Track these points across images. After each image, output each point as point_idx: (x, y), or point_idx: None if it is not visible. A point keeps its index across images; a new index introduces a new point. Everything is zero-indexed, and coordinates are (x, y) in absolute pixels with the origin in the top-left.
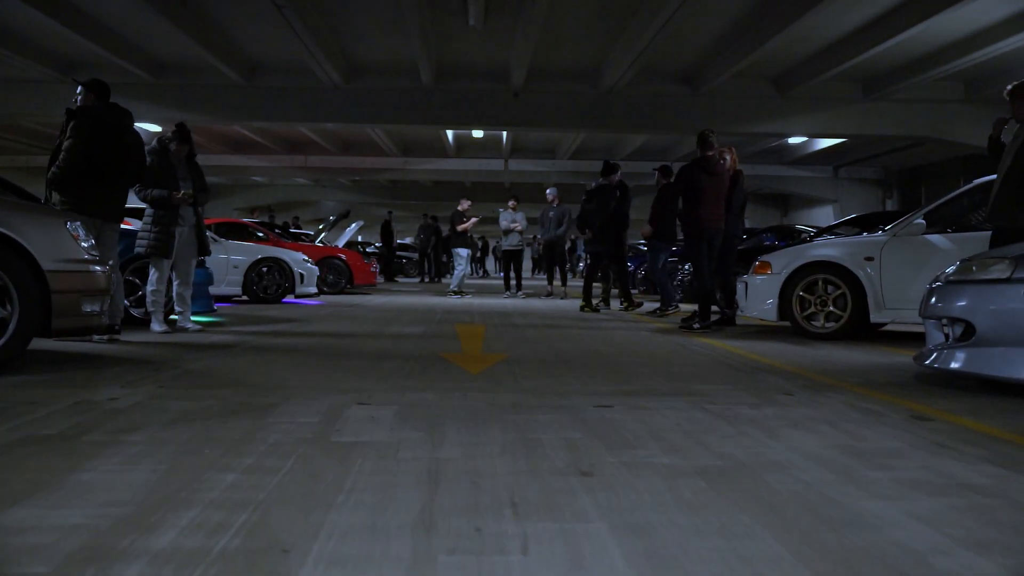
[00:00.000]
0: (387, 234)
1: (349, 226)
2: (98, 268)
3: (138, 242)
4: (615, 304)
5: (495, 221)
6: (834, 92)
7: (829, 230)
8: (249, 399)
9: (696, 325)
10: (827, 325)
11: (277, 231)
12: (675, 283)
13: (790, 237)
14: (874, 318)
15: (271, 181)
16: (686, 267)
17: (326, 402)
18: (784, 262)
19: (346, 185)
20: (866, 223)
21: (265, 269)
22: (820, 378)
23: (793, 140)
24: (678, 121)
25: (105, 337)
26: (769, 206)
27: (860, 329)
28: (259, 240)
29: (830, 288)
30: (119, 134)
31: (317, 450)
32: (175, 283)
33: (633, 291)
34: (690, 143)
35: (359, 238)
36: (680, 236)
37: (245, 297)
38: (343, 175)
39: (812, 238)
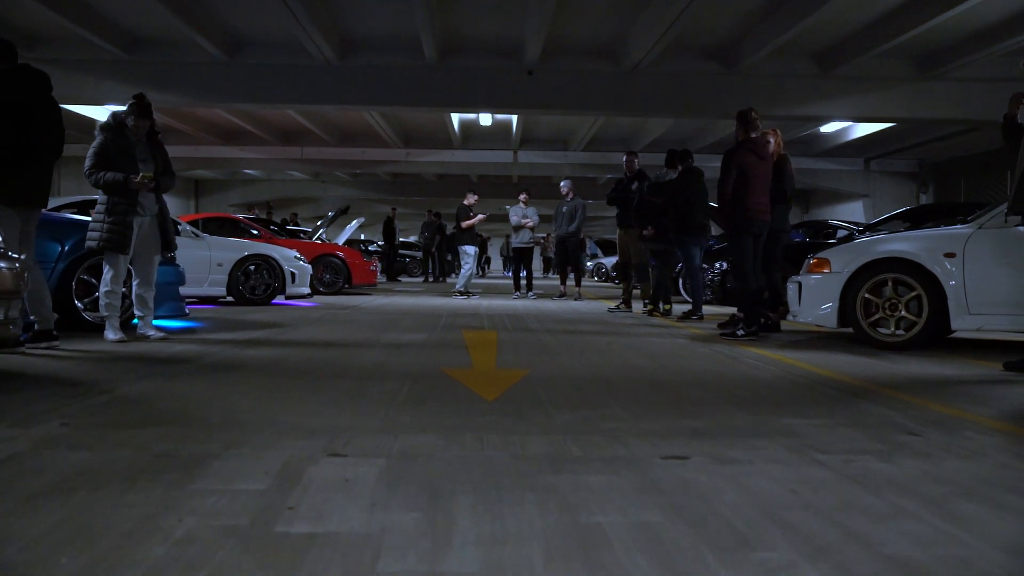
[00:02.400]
0: (390, 231)
1: (350, 223)
2: (1, 265)
3: (89, 235)
4: (637, 306)
5: (502, 219)
6: (884, 70)
7: (876, 225)
8: (178, 446)
9: (740, 332)
10: (897, 333)
11: (273, 228)
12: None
13: (824, 234)
14: (955, 325)
15: (268, 176)
16: (716, 266)
17: (285, 451)
18: (846, 259)
19: (345, 179)
20: (918, 217)
21: (252, 268)
22: (937, 407)
23: (826, 129)
24: (709, 103)
25: (43, 345)
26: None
27: (933, 337)
28: (252, 237)
29: (901, 289)
30: (36, 102)
31: (247, 557)
32: (134, 283)
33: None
34: (720, 130)
35: (361, 236)
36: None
37: (231, 298)
38: (341, 168)
39: (859, 233)
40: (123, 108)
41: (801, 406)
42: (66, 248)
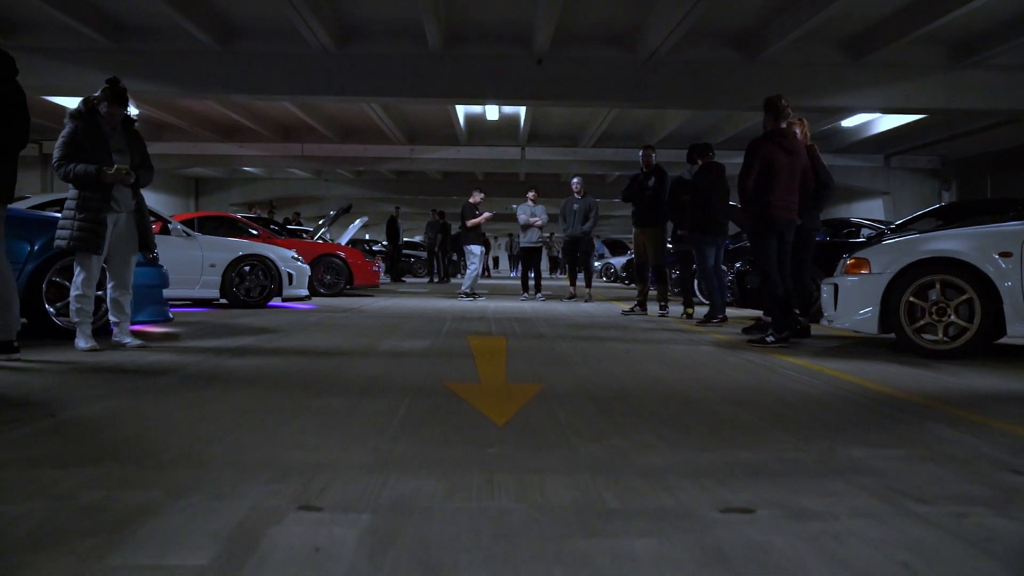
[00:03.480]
0: (393, 231)
1: (353, 222)
2: None
3: (58, 233)
4: (653, 308)
5: (508, 219)
6: (917, 58)
7: (907, 224)
8: (112, 494)
9: (770, 339)
10: (944, 339)
11: (273, 227)
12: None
13: (846, 233)
14: (1012, 331)
15: (269, 174)
16: (736, 266)
17: (246, 500)
18: (887, 259)
19: (348, 178)
20: (950, 215)
21: (247, 268)
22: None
23: (847, 123)
24: (730, 94)
25: (1, 358)
26: None
27: (984, 345)
28: (251, 237)
29: (949, 292)
30: None
31: None
32: (109, 286)
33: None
34: (740, 123)
35: (366, 235)
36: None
37: (224, 301)
38: (343, 165)
39: (890, 232)
40: (97, 94)
41: (863, 431)
42: (36, 248)
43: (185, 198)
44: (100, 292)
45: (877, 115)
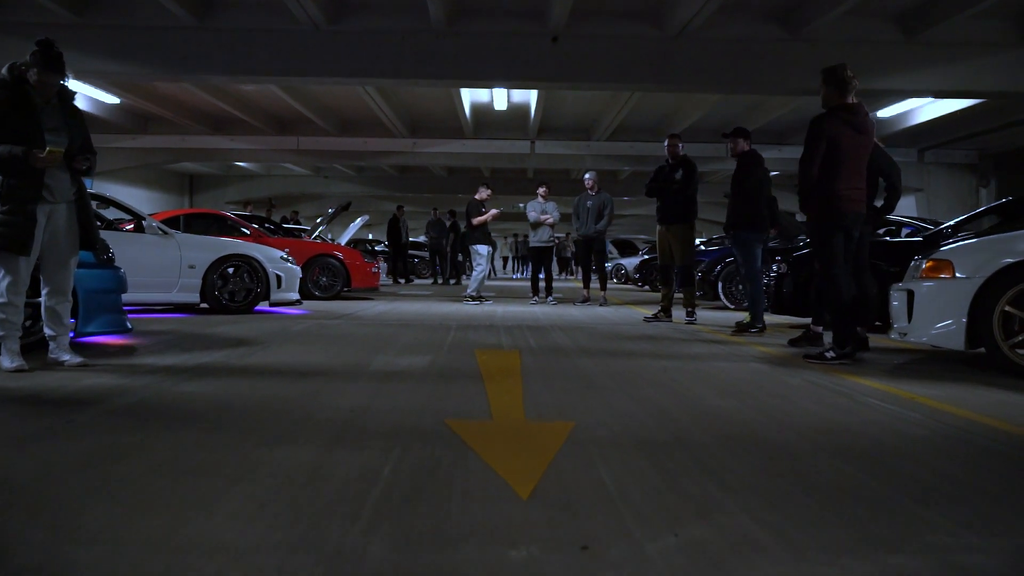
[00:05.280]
0: (395, 231)
1: (354, 221)
2: None
3: None
4: (678, 315)
5: (513, 219)
6: (981, 34)
7: (968, 221)
8: None
9: (829, 354)
10: None
11: (269, 226)
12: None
13: (887, 232)
14: None
15: (267, 171)
16: (773, 267)
17: None
18: (977, 261)
19: (349, 175)
20: (1016, 211)
21: (231, 270)
22: None
23: (883, 113)
24: (768, 75)
25: None
26: None
27: None
28: (242, 236)
29: None
30: None
31: None
32: (44, 292)
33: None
34: (772, 110)
35: (368, 235)
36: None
37: (206, 305)
38: (342, 160)
39: (951, 232)
40: (80, 84)
41: None
42: None
43: (179, 196)
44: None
45: (916, 104)
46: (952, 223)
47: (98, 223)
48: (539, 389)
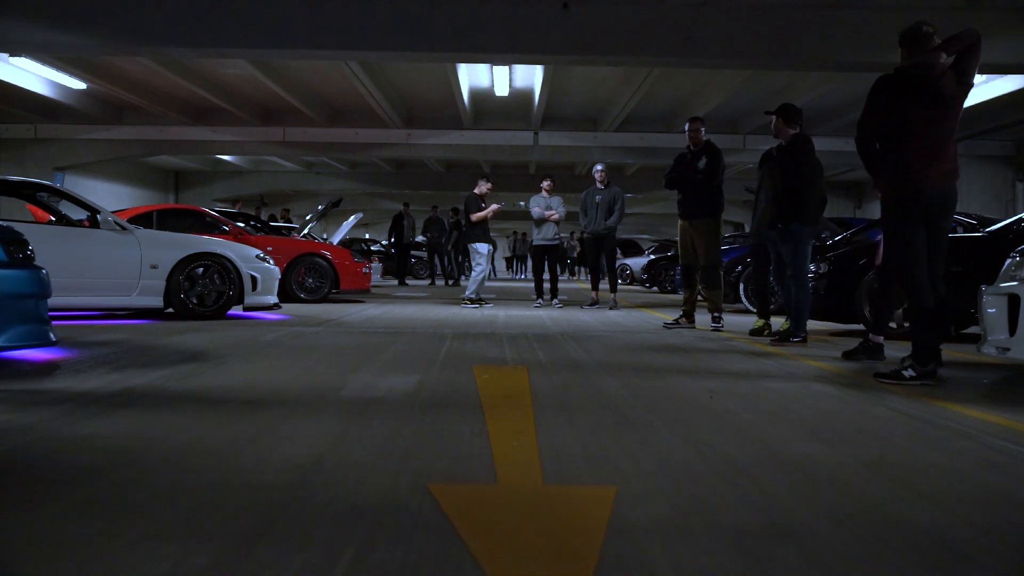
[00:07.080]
0: (399, 230)
1: (347, 219)
2: None
3: None
4: (701, 319)
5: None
6: None
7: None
8: None
9: (908, 372)
10: None
11: (254, 224)
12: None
13: None
14: None
15: (255, 167)
16: (812, 267)
17: None
18: None
19: (342, 170)
20: None
21: (200, 270)
22: None
23: None
24: (808, 48)
25: None
26: (840, 196)
27: None
28: (221, 234)
29: None
30: None
31: None
32: None
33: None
34: (805, 92)
35: (365, 234)
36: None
37: (171, 310)
38: (332, 152)
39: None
40: (33, 71)
41: None
42: None
43: (163, 193)
44: None
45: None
46: (1016, 220)
47: (52, 218)
48: (558, 426)
